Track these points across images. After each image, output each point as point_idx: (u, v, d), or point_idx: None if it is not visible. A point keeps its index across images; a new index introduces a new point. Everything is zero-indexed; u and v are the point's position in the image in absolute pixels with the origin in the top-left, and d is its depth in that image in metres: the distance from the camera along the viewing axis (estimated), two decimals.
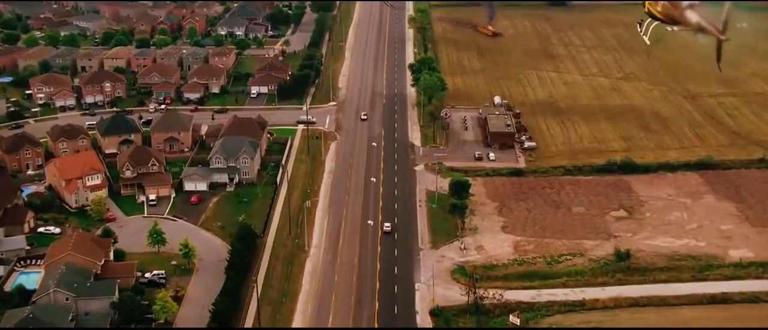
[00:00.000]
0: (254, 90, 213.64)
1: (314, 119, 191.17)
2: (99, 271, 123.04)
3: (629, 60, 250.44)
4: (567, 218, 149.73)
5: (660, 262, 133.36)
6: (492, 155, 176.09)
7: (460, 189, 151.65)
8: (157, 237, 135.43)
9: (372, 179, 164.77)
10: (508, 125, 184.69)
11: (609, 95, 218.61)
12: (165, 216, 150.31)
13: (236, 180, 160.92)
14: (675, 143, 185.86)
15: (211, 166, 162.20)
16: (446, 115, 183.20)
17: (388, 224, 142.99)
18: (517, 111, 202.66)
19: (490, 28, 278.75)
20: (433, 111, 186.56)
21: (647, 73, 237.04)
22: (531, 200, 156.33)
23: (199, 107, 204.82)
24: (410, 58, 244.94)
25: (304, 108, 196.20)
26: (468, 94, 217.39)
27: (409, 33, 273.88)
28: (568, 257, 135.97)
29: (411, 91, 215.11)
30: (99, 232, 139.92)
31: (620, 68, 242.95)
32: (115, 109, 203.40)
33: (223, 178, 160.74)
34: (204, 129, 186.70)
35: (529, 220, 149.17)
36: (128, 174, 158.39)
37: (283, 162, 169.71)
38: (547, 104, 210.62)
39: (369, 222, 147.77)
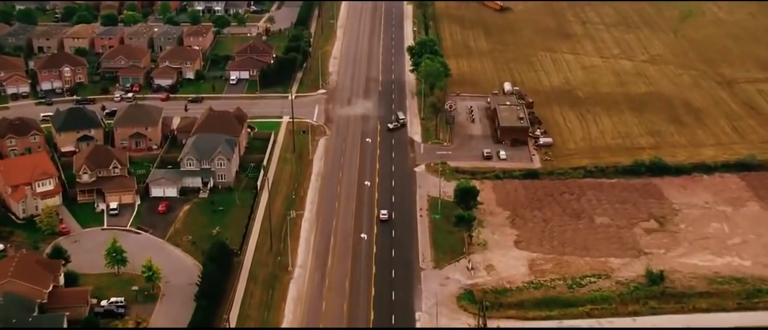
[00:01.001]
0: (234, 76, 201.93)
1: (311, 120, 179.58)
2: (46, 301, 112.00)
3: (654, 39, 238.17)
4: (589, 231, 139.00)
5: (699, 286, 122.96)
6: (502, 153, 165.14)
7: (466, 197, 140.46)
8: (116, 256, 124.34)
9: (366, 183, 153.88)
10: (521, 118, 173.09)
11: (633, 81, 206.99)
12: (127, 228, 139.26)
13: (211, 184, 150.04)
14: (710, 139, 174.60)
15: (181, 169, 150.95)
16: (451, 108, 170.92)
17: (384, 211, 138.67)
18: (530, 100, 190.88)
19: (498, 2, 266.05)
20: (435, 103, 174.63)
21: (675, 55, 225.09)
22: (548, 209, 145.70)
23: (170, 95, 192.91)
24: (409, 38, 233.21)
25: (290, 97, 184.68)
26: (474, 80, 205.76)
27: (408, 9, 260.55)
28: (593, 279, 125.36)
29: (410, 78, 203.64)
30: (49, 250, 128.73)
31: (645, 49, 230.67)
32: (75, 97, 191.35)
33: (196, 182, 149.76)
34: (176, 122, 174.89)
35: (546, 233, 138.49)
36: (86, 178, 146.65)
37: (265, 163, 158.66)
38: (563, 92, 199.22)
39: (362, 236, 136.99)
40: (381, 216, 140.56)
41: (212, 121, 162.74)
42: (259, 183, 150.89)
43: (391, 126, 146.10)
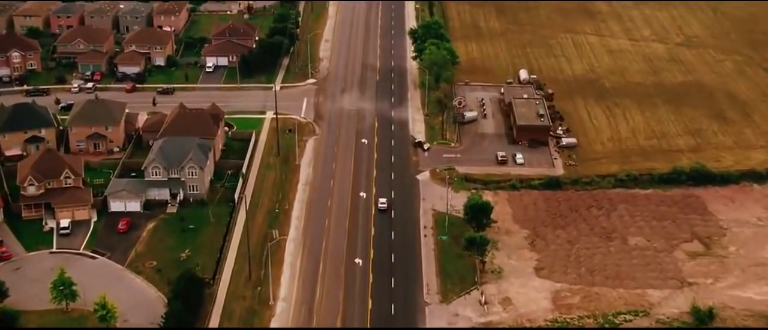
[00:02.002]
0: (210, 62, 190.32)
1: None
2: None
3: (690, 18, 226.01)
4: (622, 255, 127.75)
5: (756, 326, 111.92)
6: (519, 157, 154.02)
7: (478, 214, 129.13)
8: (64, 289, 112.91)
9: (361, 194, 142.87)
10: (541, 116, 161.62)
11: (667, 69, 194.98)
12: (81, 251, 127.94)
13: (180, 197, 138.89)
14: (761, 139, 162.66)
15: (146, 178, 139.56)
16: (461, 104, 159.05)
17: (383, 200, 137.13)
18: (550, 91, 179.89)
19: None
20: (441, 98, 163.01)
21: (715, 37, 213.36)
22: (573, 226, 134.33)
23: (137, 86, 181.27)
24: (411, 18, 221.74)
25: (274, 88, 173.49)
26: (485, 67, 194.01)
27: None
28: (628, 317, 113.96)
29: (412, 65, 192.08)
30: None
31: (680, 30, 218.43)
32: (24, 87, 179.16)
33: (163, 194, 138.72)
34: (142, 120, 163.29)
35: (572, 257, 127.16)
36: (32, 190, 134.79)
37: (244, 170, 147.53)
38: (587, 81, 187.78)
39: (357, 261, 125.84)
40: (380, 205, 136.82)
41: (183, 120, 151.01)
42: (237, 195, 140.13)
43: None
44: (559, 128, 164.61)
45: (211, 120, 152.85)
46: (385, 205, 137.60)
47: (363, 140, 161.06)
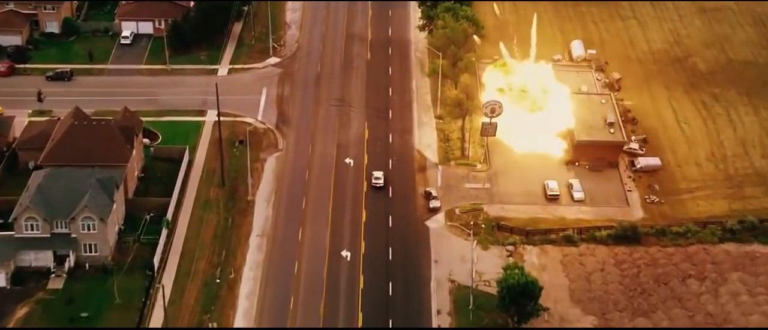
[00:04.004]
0: (128, 30, 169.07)
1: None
2: None
3: None
4: None
5: None
6: (577, 188, 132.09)
7: (522, 300, 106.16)
8: None
9: (343, 254, 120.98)
10: (611, 124, 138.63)
11: None
12: None
13: (71, 263, 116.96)
14: None
15: (17, 234, 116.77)
16: (493, 113, 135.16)
17: (379, 174, 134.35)
18: (616, 75, 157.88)
19: None
20: (462, 101, 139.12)
21: None
22: (662, 312, 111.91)
23: (16, 66, 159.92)
24: None
25: (220, 72, 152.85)
26: (522, 36, 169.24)
27: None
28: None
29: (418, 38, 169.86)
30: None
31: None
32: None
33: (43, 259, 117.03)
34: (19, 127, 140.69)
35: None
36: None
37: (170, 214, 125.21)
38: (670, 59, 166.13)
39: None
40: (374, 182, 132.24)
41: (78, 137, 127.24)
42: (157, 258, 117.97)
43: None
44: (632, 139, 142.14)
45: (123, 136, 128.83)
46: (381, 183, 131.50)
47: (347, 160, 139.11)
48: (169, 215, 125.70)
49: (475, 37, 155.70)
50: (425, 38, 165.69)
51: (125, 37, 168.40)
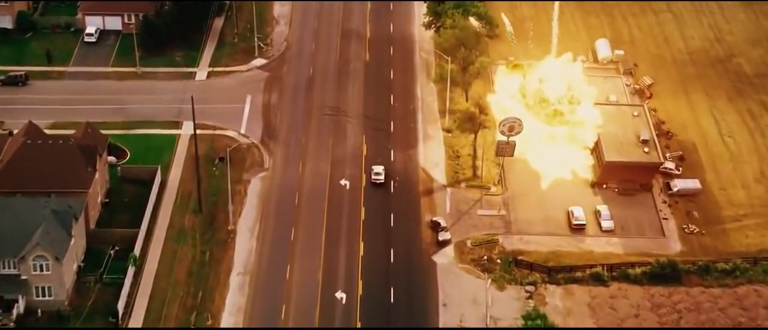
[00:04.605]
0: (92, 27, 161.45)
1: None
2: None
3: None
4: None
5: None
6: (606, 217, 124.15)
7: None
8: None
9: (338, 296, 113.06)
10: (645, 142, 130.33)
11: None
12: None
13: (19, 309, 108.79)
14: None
15: None
16: (511, 131, 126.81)
17: (379, 169, 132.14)
18: (648, 80, 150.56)
19: None
20: (473, 116, 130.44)
21: None
22: None
23: None
24: None
25: (198, 76, 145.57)
26: (540, 33, 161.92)
27: None
28: None
29: (423, 36, 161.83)
30: None
31: None
32: None
33: None
34: None
35: None
36: None
37: (137, 249, 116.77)
38: (711, 60, 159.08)
39: None
40: (374, 178, 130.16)
41: (30, 157, 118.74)
42: (121, 302, 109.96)
43: None
44: (667, 157, 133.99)
45: (84, 157, 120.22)
46: (381, 179, 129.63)
47: (342, 181, 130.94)
48: (137, 249, 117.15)
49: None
50: (431, 38, 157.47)
51: (89, 35, 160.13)
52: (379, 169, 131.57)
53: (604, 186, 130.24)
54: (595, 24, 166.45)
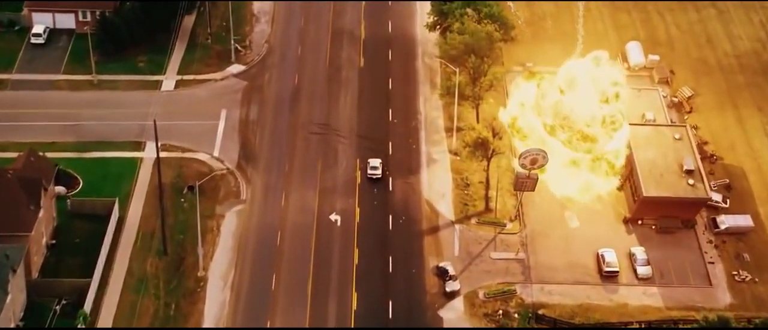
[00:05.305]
0: (40, 25, 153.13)
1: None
2: None
3: None
4: None
5: None
6: (641, 260, 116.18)
7: None
8: None
9: None
10: (690, 173, 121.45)
11: None
12: None
13: None
14: None
15: None
16: (534, 164, 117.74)
17: (376, 163, 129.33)
18: (687, 92, 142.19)
19: None
20: (485, 141, 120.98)
21: None
22: None
23: None
24: None
25: (165, 86, 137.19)
26: (562, 33, 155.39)
27: None
28: None
29: (426, 38, 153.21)
30: None
31: None
32: None
33: None
34: None
35: None
36: None
37: (88, 305, 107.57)
38: (762, 67, 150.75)
39: None
40: (370, 173, 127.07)
41: None
42: None
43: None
44: (712, 185, 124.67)
45: (25, 192, 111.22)
46: (379, 174, 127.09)
47: (333, 217, 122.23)
48: (89, 304, 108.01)
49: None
50: (436, 44, 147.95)
51: (36, 35, 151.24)
52: (375, 162, 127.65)
53: (640, 222, 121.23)
54: (626, 22, 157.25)
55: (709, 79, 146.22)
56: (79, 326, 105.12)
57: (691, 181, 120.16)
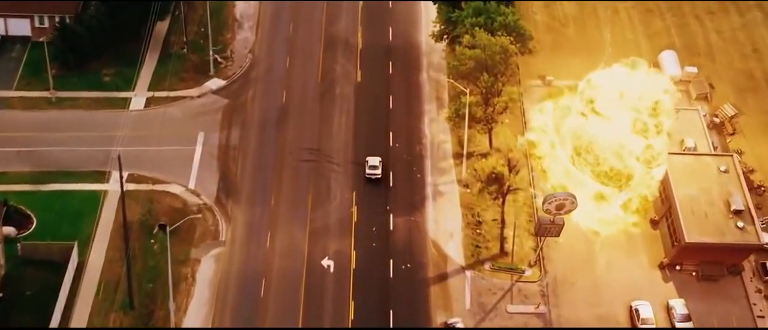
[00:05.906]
0: None
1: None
2: None
3: None
4: None
5: None
6: (681, 314, 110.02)
7: None
8: None
9: None
10: (738, 213, 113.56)
11: None
12: None
13: None
14: None
15: None
16: (559, 210, 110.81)
17: (376, 162, 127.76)
18: (730, 111, 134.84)
19: None
20: (500, 176, 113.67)
21: None
22: None
23: None
24: None
25: (134, 104, 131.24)
26: (586, 42, 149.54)
27: None
28: None
29: (432, 48, 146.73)
30: None
31: None
32: None
33: None
34: None
35: None
36: None
37: None
38: None
39: None
40: (369, 172, 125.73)
41: None
42: None
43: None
44: (761, 223, 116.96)
45: None
46: (379, 174, 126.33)
47: (325, 262, 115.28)
48: None
49: None
50: (443, 53, 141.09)
51: None
52: (374, 161, 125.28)
53: (678, 268, 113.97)
54: (659, 29, 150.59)
55: (755, 96, 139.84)
56: None
57: (740, 224, 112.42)
